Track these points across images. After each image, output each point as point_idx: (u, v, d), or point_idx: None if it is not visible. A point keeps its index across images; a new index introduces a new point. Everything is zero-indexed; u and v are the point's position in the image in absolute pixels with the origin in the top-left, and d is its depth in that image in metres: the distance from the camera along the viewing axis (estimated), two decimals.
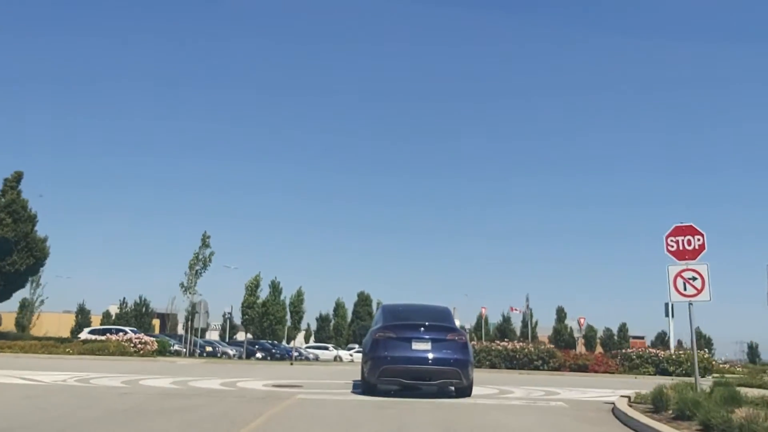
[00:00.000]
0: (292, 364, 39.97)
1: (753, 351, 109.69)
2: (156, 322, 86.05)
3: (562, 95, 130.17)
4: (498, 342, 24.70)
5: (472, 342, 24.82)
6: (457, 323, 27.43)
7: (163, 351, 31.74)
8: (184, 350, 33.12)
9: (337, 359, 53.83)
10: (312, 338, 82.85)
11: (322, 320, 75.32)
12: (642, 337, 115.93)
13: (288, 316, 45.70)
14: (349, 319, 69.85)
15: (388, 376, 11.16)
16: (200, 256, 30.45)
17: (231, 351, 40.17)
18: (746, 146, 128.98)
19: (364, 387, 11.64)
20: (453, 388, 11.67)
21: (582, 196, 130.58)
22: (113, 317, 74.76)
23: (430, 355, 11.07)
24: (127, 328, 34.63)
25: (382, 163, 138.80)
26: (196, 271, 30.42)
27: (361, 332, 58.01)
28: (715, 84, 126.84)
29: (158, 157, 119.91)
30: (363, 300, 70.46)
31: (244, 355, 38.34)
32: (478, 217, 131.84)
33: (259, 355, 43.40)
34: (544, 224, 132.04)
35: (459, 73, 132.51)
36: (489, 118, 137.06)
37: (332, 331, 56.72)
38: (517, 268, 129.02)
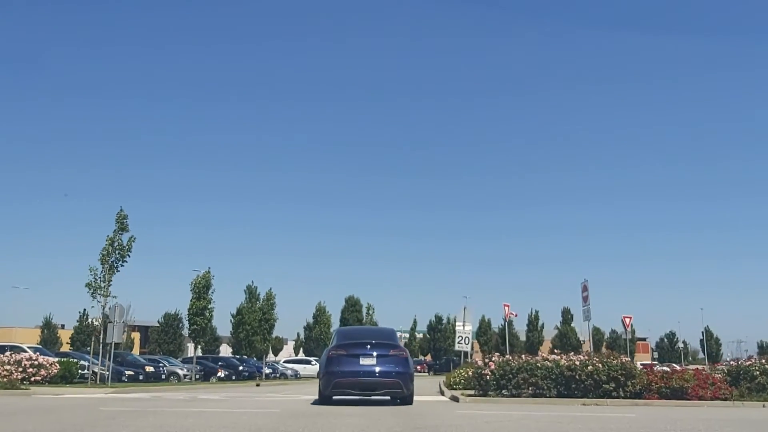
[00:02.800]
0: (258, 385, 30.81)
1: (763, 350, 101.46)
2: (136, 336, 76.92)
3: (560, 91, 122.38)
4: (545, 355, 15.56)
5: (507, 356, 15.96)
6: (469, 328, 22.81)
7: (68, 376, 22.56)
8: (110, 372, 23.81)
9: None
10: (301, 350, 73.52)
11: (310, 329, 66.28)
12: (644, 339, 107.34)
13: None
14: (336, 327, 60.66)
15: (340, 388, 12.24)
16: (115, 243, 21.24)
17: (182, 370, 30.91)
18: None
19: (320, 399, 12.75)
20: (397, 397, 12.70)
21: (585, 190, 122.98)
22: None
23: (376, 369, 12.17)
24: (25, 345, 25.39)
25: (374, 161, 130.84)
26: (111, 263, 21.21)
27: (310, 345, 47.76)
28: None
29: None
30: (352, 305, 61.02)
31: (194, 376, 29.11)
32: (473, 216, 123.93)
33: (221, 374, 34.23)
34: (541, 220, 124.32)
35: (457, 67, 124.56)
36: (486, 116, 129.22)
37: (313, 341, 47.12)
38: (516, 267, 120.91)
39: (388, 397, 12.97)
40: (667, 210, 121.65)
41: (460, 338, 23.91)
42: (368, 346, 12.48)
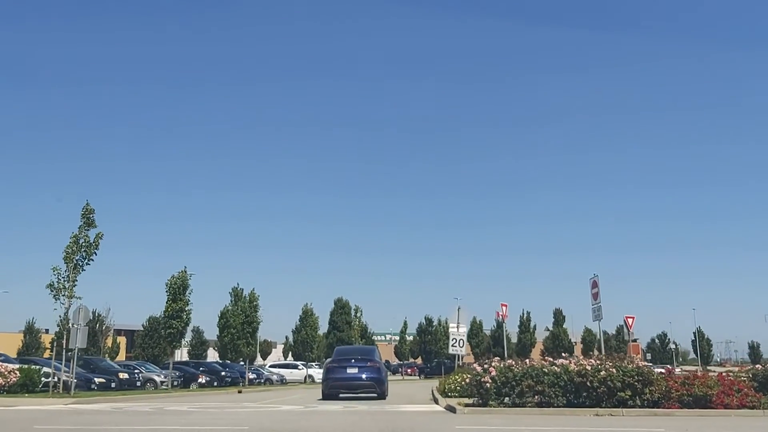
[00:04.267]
0: (240, 392, 28.97)
1: (754, 351, 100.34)
2: (122, 340, 74.50)
3: (559, 108, 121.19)
4: (548, 359, 13.86)
5: (509, 361, 14.21)
6: (463, 329, 23.43)
7: (30, 384, 20.60)
8: (74, 380, 21.82)
9: (308, 380, 42.37)
10: (290, 354, 71.35)
11: (298, 332, 64.17)
12: (635, 340, 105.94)
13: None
14: (325, 330, 58.51)
15: (335, 389, 18.32)
16: (81, 241, 19.31)
17: (159, 377, 28.96)
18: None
19: (323, 397, 18.40)
20: (375, 394, 18.13)
21: (579, 186, 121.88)
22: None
23: (358, 375, 18.05)
24: None
25: (362, 157, 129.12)
26: (76, 263, 19.28)
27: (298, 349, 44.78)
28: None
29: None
30: (341, 307, 58.98)
31: (170, 383, 27.17)
32: (465, 214, 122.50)
33: (202, 380, 32.27)
34: (535, 219, 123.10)
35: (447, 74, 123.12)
36: (482, 107, 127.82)
37: (299, 345, 45.07)
38: (507, 267, 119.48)
39: (375, 394, 18.09)
40: (662, 208, 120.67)
41: (454, 341, 22.16)
42: (353, 360, 18.41)
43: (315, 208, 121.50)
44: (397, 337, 78.58)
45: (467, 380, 15.84)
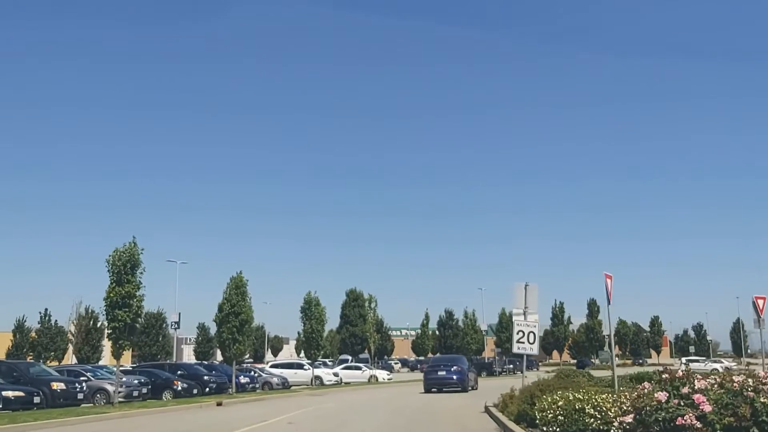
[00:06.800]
0: (220, 404, 21.46)
1: None
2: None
3: (558, 108, 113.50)
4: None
5: (736, 378, 6.47)
6: (534, 318, 16.96)
7: None
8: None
9: (315, 383, 34.56)
10: (302, 351, 63.97)
11: (304, 326, 56.43)
12: (664, 332, 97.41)
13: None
14: (337, 324, 51.05)
15: (430, 385, 26.36)
16: None
17: (112, 386, 21.37)
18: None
19: (425, 390, 26.23)
20: (459, 389, 26.06)
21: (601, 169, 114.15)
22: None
23: (445, 376, 26.34)
24: None
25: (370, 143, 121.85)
26: None
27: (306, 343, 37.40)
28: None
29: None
30: (354, 299, 51.43)
31: (116, 396, 19.49)
32: (483, 200, 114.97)
33: (179, 387, 24.68)
34: (555, 204, 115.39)
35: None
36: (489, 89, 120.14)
37: (303, 341, 37.25)
38: (536, 254, 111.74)
39: (459, 388, 26.11)
40: (682, 198, 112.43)
41: (521, 334, 14.45)
42: (442, 365, 27.44)
43: (330, 199, 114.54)
44: (414, 332, 70.94)
45: (627, 418, 8.18)
